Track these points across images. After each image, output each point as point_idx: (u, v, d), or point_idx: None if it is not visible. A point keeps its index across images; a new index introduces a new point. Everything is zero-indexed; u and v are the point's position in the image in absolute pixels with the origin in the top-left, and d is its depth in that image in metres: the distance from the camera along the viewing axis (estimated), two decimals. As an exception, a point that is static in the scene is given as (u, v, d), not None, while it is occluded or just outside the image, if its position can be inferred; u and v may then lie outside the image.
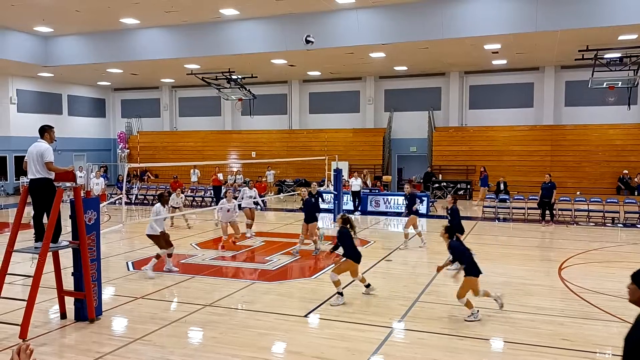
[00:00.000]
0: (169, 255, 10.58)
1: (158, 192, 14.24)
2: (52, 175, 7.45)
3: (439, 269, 8.15)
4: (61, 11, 19.23)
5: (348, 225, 8.62)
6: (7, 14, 19.43)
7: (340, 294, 8.48)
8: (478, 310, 7.65)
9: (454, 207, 11.14)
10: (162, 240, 10.40)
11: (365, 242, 13.81)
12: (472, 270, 7.68)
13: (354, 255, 8.60)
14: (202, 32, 21.12)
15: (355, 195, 20.13)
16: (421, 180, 26.33)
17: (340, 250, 8.71)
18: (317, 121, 29.82)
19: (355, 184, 20.01)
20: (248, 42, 20.72)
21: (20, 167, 7.93)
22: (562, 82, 25.53)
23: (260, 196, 18.18)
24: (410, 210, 13.26)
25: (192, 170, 25.89)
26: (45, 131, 7.54)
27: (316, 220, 12.59)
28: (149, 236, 10.50)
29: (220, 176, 24.19)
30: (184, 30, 21.47)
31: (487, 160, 25.63)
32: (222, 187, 23.95)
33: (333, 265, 9.71)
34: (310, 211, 12.39)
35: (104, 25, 21.32)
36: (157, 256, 10.38)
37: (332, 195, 18.42)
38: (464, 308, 7.65)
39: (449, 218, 11.13)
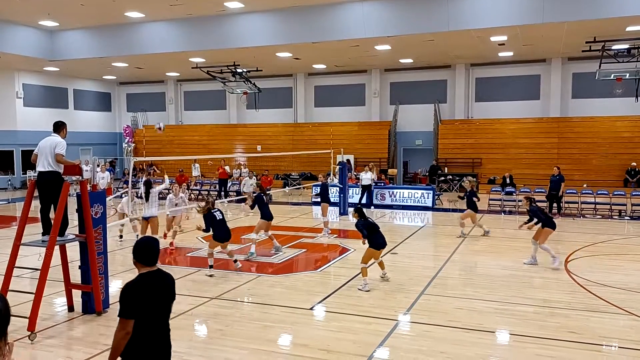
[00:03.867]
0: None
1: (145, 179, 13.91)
2: (61, 169, 7.50)
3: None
4: (66, 5, 19.24)
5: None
6: (12, 8, 19.48)
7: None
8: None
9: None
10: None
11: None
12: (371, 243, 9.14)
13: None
14: (207, 26, 21.09)
15: (366, 189, 19.96)
16: (427, 174, 26.29)
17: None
18: (322, 114, 29.75)
19: (366, 177, 19.83)
20: (253, 35, 20.68)
21: (28, 161, 7.95)
22: (569, 74, 25.34)
23: (267, 189, 18.12)
24: (324, 199, 14.74)
25: (192, 165, 25.97)
26: (61, 127, 7.62)
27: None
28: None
29: (227, 169, 24.20)
30: (189, 24, 21.45)
31: (494, 153, 25.57)
32: (228, 180, 24.02)
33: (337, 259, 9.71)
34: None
35: (109, 19, 21.33)
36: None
37: (338, 188, 18.42)
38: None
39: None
